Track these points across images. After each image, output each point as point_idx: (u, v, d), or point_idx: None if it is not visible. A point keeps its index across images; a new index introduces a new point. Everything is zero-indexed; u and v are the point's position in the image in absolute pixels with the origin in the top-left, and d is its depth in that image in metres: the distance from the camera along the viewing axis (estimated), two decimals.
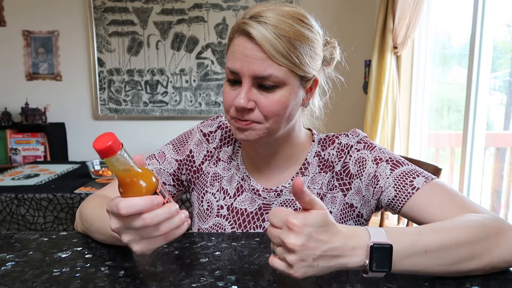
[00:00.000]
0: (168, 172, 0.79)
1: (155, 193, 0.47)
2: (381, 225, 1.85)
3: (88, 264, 0.57)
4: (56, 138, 3.01)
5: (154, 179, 0.47)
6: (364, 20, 3.01)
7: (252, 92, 0.64)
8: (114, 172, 0.45)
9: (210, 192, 0.79)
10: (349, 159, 0.73)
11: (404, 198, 0.64)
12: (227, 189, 0.78)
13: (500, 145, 2.28)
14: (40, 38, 3.05)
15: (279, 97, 0.64)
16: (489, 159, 2.28)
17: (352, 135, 0.75)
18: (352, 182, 0.72)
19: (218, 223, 0.77)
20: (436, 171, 1.59)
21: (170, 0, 3.01)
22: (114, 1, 3.00)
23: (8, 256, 0.60)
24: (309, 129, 0.81)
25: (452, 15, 2.47)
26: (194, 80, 3.11)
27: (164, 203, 0.47)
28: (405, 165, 0.68)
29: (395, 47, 2.50)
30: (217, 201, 0.78)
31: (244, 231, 0.75)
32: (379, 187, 0.68)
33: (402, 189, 0.65)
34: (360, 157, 0.72)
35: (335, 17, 3.03)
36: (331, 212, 0.72)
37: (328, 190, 0.74)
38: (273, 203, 0.75)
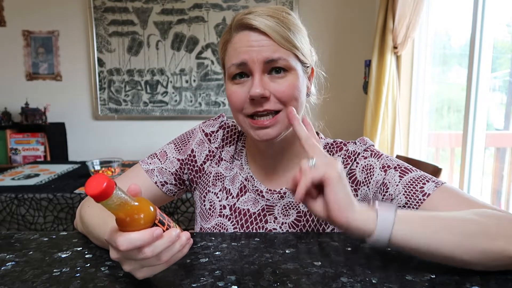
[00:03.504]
0: (170, 171, 0.79)
1: (154, 223, 0.46)
2: None
3: (88, 264, 0.57)
4: (56, 138, 3.01)
5: (151, 209, 0.46)
6: (364, 20, 3.01)
7: (264, 80, 0.65)
8: (110, 211, 0.43)
9: (212, 192, 0.79)
10: (356, 166, 0.73)
11: (415, 205, 0.63)
12: (229, 189, 0.78)
13: (500, 145, 2.28)
14: (40, 38, 3.05)
15: (292, 81, 0.66)
16: (489, 159, 2.29)
17: (360, 143, 0.75)
18: (358, 189, 0.72)
19: (220, 223, 0.77)
20: (436, 171, 1.59)
21: (170, 0, 3.01)
22: (114, 1, 3.00)
23: (8, 256, 0.60)
24: (317, 133, 0.81)
25: (452, 15, 2.47)
26: (194, 80, 3.11)
27: (164, 231, 0.46)
28: (413, 171, 0.67)
29: (395, 47, 2.50)
30: (219, 200, 0.78)
31: (247, 231, 0.75)
32: (389, 194, 0.67)
33: (413, 196, 0.64)
34: (367, 164, 0.71)
35: (335, 17, 3.03)
36: None
37: None
38: (276, 205, 0.75)
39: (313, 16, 3.02)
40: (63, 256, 0.60)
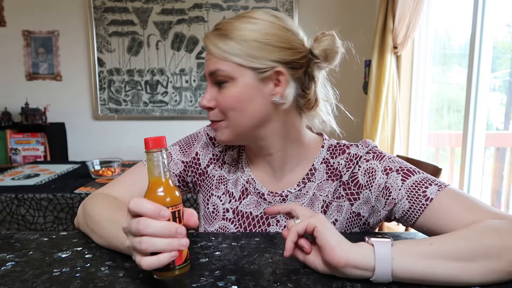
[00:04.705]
0: (174, 173, 0.80)
1: (171, 207, 0.47)
2: (380, 228, 1.85)
3: (88, 264, 0.57)
4: (56, 138, 3.01)
5: (177, 194, 0.48)
6: (364, 20, 3.01)
7: (213, 92, 0.69)
8: (149, 166, 0.48)
9: (215, 195, 0.79)
10: (358, 170, 0.72)
11: (418, 210, 0.63)
12: (232, 192, 0.78)
13: (500, 145, 2.28)
14: (40, 38, 3.05)
15: (231, 92, 0.67)
16: (489, 159, 2.29)
17: (362, 146, 0.74)
18: (360, 192, 0.71)
19: (223, 226, 0.77)
20: (436, 171, 1.59)
21: (170, 0, 3.01)
22: (114, 1, 3.00)
23: (8, 256, 0.60)
24: (321, 134, 0.81)
25: (452, 15, 2.47)
26: (194, 80, 3.11)
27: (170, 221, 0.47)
28: (416, 173, 0.67)
29: (395, 47, 2.50)
30: (222, 204, 0.78)
31: None
32: (392, 198, 0.67)
33: (416, 201, 0.63)
34: (369, 167, 0.71)
35: (335, 17, 3.03)
36: (336, 220, 0.72)
37: (334, 198, 0.73)
38: None
39: (313, 16, 3.02)
40: (63, 256, 0.60)
